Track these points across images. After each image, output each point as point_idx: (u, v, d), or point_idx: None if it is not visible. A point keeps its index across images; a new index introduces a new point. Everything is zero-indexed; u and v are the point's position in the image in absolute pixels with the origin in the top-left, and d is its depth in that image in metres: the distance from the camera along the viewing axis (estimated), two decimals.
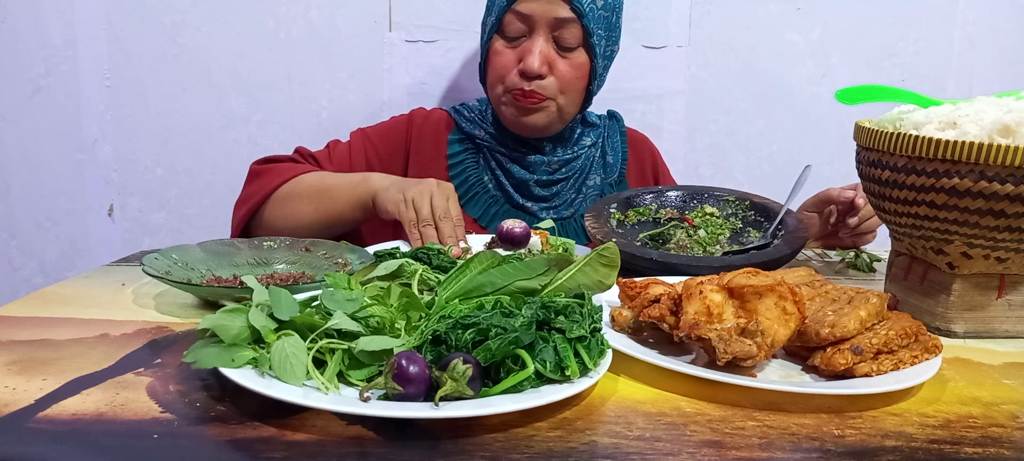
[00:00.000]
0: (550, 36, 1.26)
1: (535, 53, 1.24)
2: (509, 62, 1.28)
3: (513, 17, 1.26)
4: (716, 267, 1.02)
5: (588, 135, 1.42)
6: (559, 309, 0.71)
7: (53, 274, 1.69)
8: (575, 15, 1.24)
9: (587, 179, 1.41)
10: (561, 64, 1.27)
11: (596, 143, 1.42)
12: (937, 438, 0.64)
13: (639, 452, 0.60)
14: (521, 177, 1.36)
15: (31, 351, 0.77)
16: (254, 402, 0.65)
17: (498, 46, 1.29)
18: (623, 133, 1.47)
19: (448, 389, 0.62)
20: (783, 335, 0.72)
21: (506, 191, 1.37)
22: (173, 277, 0.91)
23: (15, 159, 1.64)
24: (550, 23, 1.24)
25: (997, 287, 0.89)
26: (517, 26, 1.26)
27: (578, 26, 1.25)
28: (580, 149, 1.40)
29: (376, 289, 0.80)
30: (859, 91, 0.98)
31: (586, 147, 1.41)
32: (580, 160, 1.40)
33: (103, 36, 1.57)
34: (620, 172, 1.43)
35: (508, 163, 1.36)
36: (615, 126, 1.47)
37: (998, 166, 0.79)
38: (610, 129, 1.46)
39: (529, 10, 1.24)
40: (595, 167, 1.42)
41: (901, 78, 1.63)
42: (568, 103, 1.30)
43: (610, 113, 1.49)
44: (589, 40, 1.26)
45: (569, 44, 1.26)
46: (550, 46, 1.26)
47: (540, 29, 1.25)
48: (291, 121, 1.62)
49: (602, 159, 1.43)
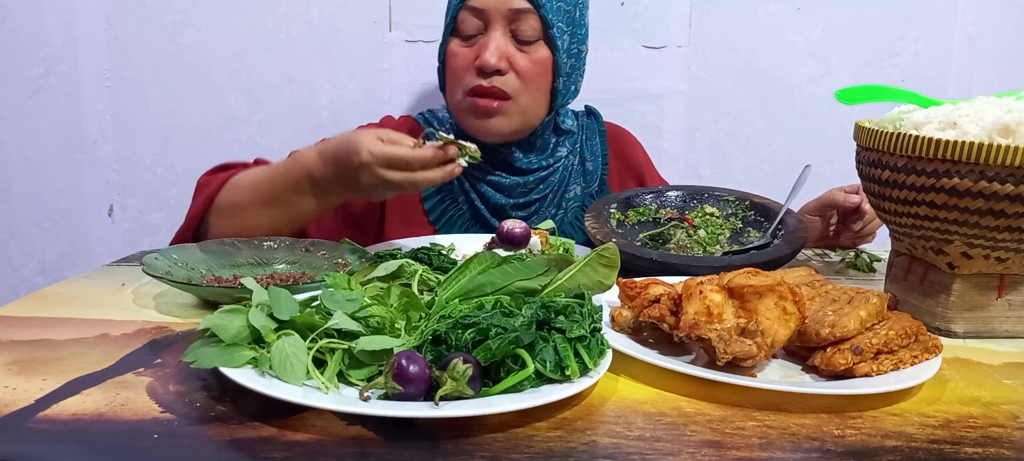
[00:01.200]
0: (507, 30, 1.18)
1: (491, 47, 1.17)
2: (466, 61, 1.20)
3: (467, 13, 1.19)
4: (716, 267, 1.02)
5: (563, 144, 1.34)
6: (559, 309, 0.71)
7: (53, 274, 1.69)
8: (532, 5, 1.17)
9: (566, 191, 1.34)
10: (520, 58, 1.19)
11: (573, 150, 1.35)
12: (937, 438, 0.64)
13: (639, 452, 0.60)
14: (497, 201, 1.29)
15: (31, 351, 0.77)
16: (254, 402, 0.65)
17: (454, 47, 1.22)
18: (602, 133, 1.39)
19: (448, 389, 0.62)
20: (783, 335, 0.73)
21: (481, 215, 1.29)
22: (173, 277, 0.91)
23: (15, 159, 1.64)
24: (506, 16, 1.18)
25: (997, 287, 0.89)
26: (472, 22, 1.19)
27: (536, 17, 1.18)
28: (556, 161, 1.32)
29: (376, 289, 0.80)
30: (859, 91, 0.98)
31: (562, 158, 1.33)
32: (557, 173, 1.33)
33: (103, 36, 1.57)
34: (602, 179, 1.36)
35: (481, 185, 1.29)
36: (593, 125, 1.40)
37: (998, 166, 0.79)
38: (588, 130, 1.39)
39: (483, 4, 1.18)
40: (574, 176, 1.35)
41: (901, 78, 1.63)
42: (532, 103, 1.22)
43: (588, 109, 1.42)
44: (549, 32, 1.19)
45: (528, 37, 1.19)
46: (508, 40, 1.19)
47: (496, 23, 1.18)
48: (291, 121, 1.62)
49: (581, 167, 1.36)
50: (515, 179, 1.29)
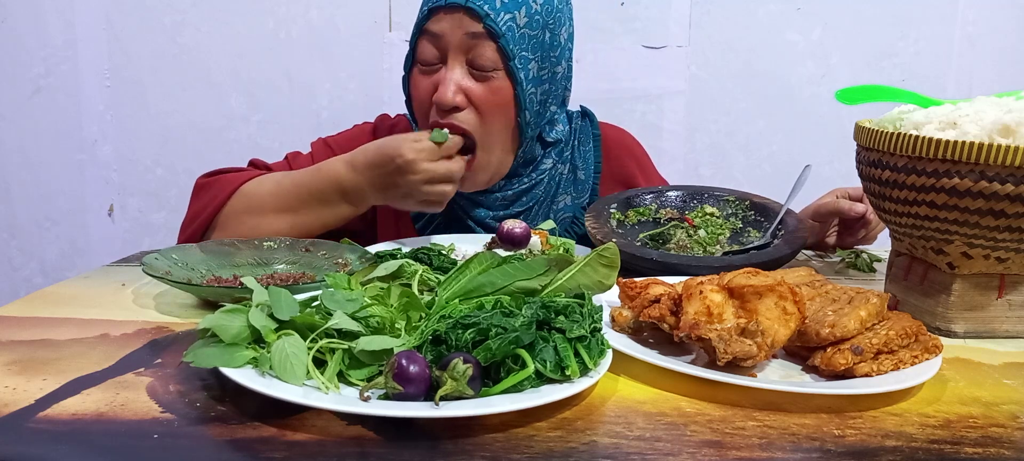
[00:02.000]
0: (465, 59, 1.09)
1: (447, 81, 1.08)
2: (425, 93, 1.12)
3: (426, 41, 1.10)
4: (716, 267, 1.02)
5: (549, 156, 1.25)
6: (559, 309, 0.71)
7: (53, 274, 1.69)
8: (487, 33, 1.07)
9: (555, 202, 1.27)
10: (477, 91, 1.09)
11: (562, 159, 1.27)
12: (937, 438, 0.64)
13: (639, 452, 0.60)
14: (479, 216, 1.23)
15: (31, 351, 0.77)
16: (254, 402, 0.64)
17: (416, 77, 1.14)
18: (597, 137, 1.31)
19: (448, 389, 0.62)
20: (783, 335, 0.72)
21: (467, 226, 1.24)
22: (173, 277, 0.91)
23: (15, 159, 1.64)
24: (461, 44, 1.08)
25: (997, 287, 0.89)
26: (430, 51, 1.10)
27: (492, 45, 1.07)
28: (540, 174, 1.24)
29: (376, 289, 0.80)
30: (859, 91, 0.98)
31: (547, 170, 1.24)
32: (542, 186, 1.24)
33: (103, 36, 1.58)
34: (593, 189, 1.29)
35: (463, 198, 1.22)
36: (587, 128, 1.31)
37: (998, 166, 0.79)
38: (582, 133, 1.30)
39: (439, 29, 1.08)
40: (564, 186, 1.27)
41: (901, 78, 1.63)
42: (496, 143, 1.14)
43: (582, 110, 1.33)
44: (509, 64, 1.08)
45: (484, 66, 1.08)
46: (465, 73, 1.09)
47: (453, 52, 1.09)
48: (291, 121, 1.62)
49: (572, 175, 1.28)
50: (495, 195, 1.23)
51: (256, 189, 1.12)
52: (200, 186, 1.16)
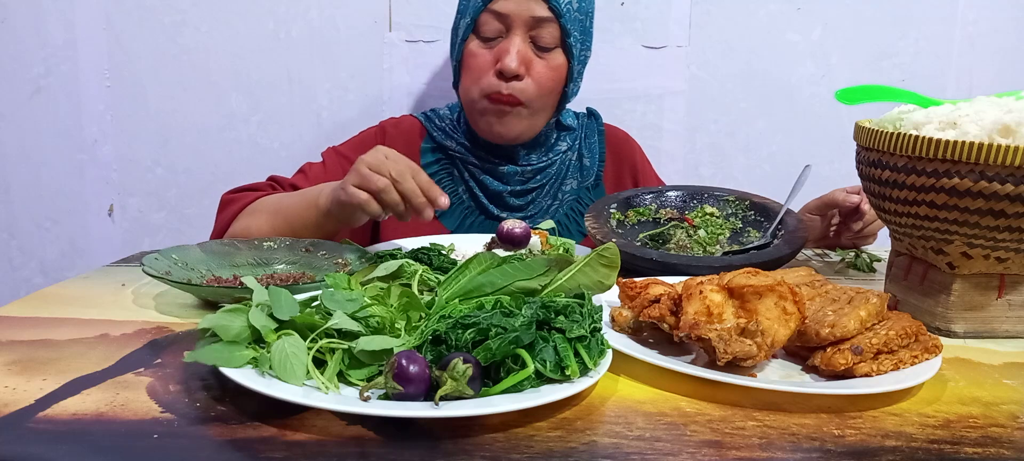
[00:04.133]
0: (527, 36, 1.23)
1: (512, 52, 1.21)
2: (485, 63, 1.24)
3: (490, 16, 1.23)
4: (716, 267, 1.02)
5: (564, 139, 1.39)
6: (559, 309, 0.71)
7: (53, 274, 1.69)
8: (553, 14, 1.22)
9: (563, 184, 1.38)
10: (538, 65, 1.24)
11: (572, 146, 1.39)
12: (937, 438, 0.64)
13: (639, 452, 0.60)
14: (495, 189, 1.33)
15: (31, 351, 0.77)
16: (254, 402, 0.65)
17: (473, 47, 1.25)
18: (601, 132, 1.43)
19: (448, 389, 0.62)
20: (783, 335, 0.73)
21: (480, 203, 1.34)
22: (173, 277, 0.91)
23: (15, 159, 1.64)
24: (527, 22, 1.22)
25: (997, 287, 0.89)
26: (494, 26, 1.23)
27: (556, 26, 1.23)
28: (555, 155, 1.37)
29: (376, 289, 0.80)
30: (859, 91, 0.98)
31: (561, 152, 1.38)
32: (555, 166, 1.37)
33: (103, 36, 1.57)
34: (597, 175, 1.40)
35: (481, 174, 1.33)
36: (593, 125, 1.44)
37: (998, 166, 0.79)
38: (588, 129, 1.43)
39: (506, 9, 1.21)
40: (571, 171, 1.39)
41: (901, 78, 1.63)
42: (543, 107, 1.28)
43: (589, 111, 1.46)
44: (566, 41, 1.24)
45: (546, 44, 1.23)
46: (528, 46, 1.23)
47: (517, 28, 1.22)
48: (291, 121, 1.62)
49: (578, 162, 1.40)
50: (513, 168, 1.33)
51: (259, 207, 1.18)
52: (223, 203, 1.24)
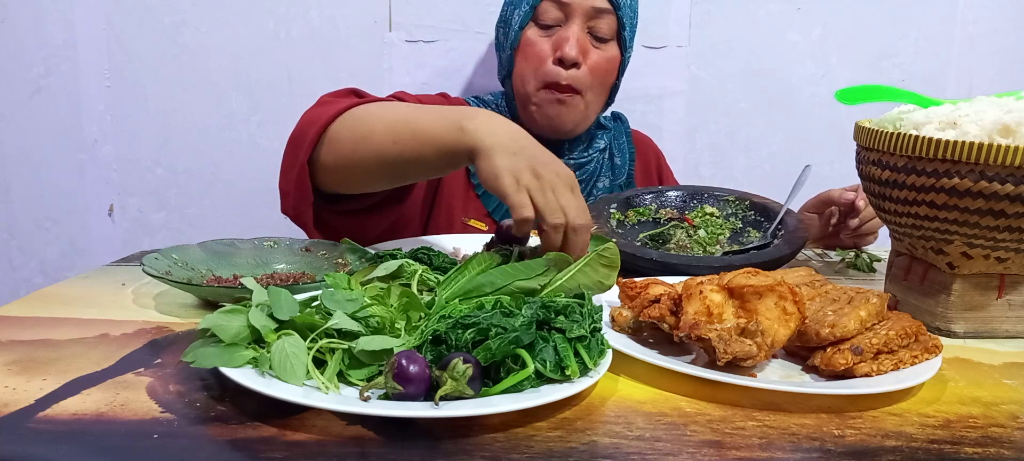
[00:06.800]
0: (585, 26, 1.26)
1: (572, 40, 1.23)
2: (544, 51, 1.26)
3: (550, 5, 1.25)
4: (716, 267, 1.02)
5: (601, 138, 1.42)
6: (559, 309, 0.71)
7: (53, 274, 1.69)
8: (611, 6, 1.25)
9: (597, 182, 1.41)
10: (595, 55, 1.27)
11: (607, 146, 1.43)
12: (937, 438, 0.64)
13: (639, 452, 0.60)
14: None
15: (31, 351, 0.77)
16: (254, 402, 0.64)
17: (531, 35, 1.27)
18: (628, 134, 1.48)
19: (448, 389, 0.62)
20: (783, 335, 0.72)
21: None
22: (173, 277, 0.91)
23: (15, 159, 1.64)
24: (587, 12, 1.25)
25: (997, 287, 0.89)
26: (554, 13, 1.26)
27: (613, 17, 1.26)
28: (594, 151, 1.40)
29: (376, 289, 0.80)
30: (859, 91, 0.98)
31: (599, 150, 1.41)
32: (593, 163, 1.40)
33: (103, 36, 1.57)
34: (628, 174, 1.44)
35: None
36: (621, 128, 1.48)
37: (998, 166, 0.79)
38: (616, 131, 1.47)
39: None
40: (604, 170, 1.42)
41: (901, 78, 1.63)
42: (595, 98, 1.30)
43: (615, 114, 1.50)
44: (622, 33, 1.27)
45: (603, 35, 1.26)
46: (586, 36, 1.26)
47: (577, 17, 1.25)
48: (291, 121, 1.61)
49: (610, 161, 1.43)
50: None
51: (365, 112, 1.03)
52: (321, 102, 1.10)
